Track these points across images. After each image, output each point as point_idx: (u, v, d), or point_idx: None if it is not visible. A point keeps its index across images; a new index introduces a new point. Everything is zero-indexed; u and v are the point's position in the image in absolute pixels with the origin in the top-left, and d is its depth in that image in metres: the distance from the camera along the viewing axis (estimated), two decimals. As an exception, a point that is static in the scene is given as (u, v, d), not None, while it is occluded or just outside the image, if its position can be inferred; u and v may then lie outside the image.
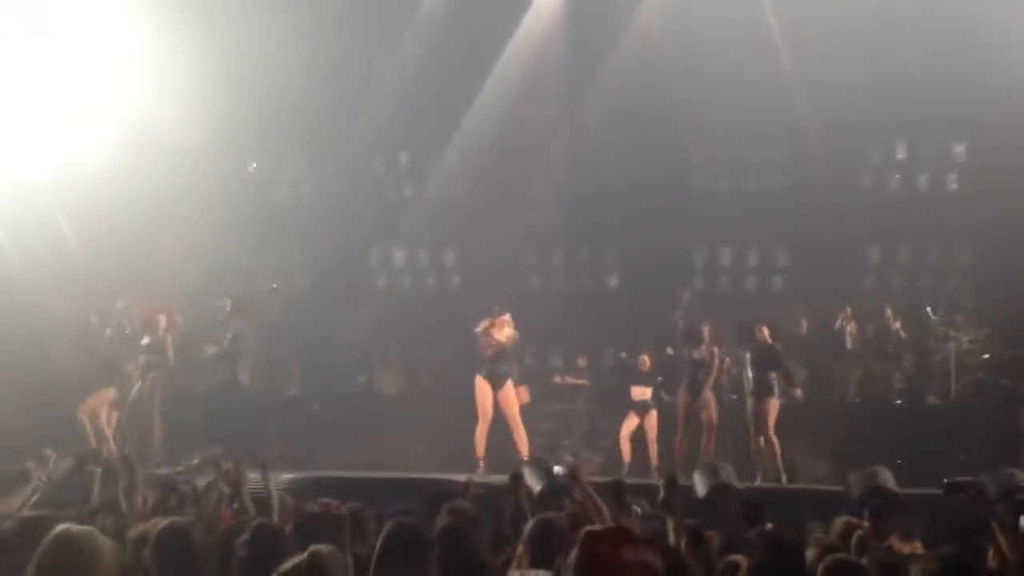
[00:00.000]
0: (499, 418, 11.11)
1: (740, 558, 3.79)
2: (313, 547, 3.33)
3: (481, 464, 10.89)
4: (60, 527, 3.05)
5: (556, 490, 6.31)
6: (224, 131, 14.24)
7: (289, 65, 14.23)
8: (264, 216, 15.54)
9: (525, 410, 11.54)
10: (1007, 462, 7.99)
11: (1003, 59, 12.63)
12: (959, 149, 14.91)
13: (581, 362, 14.08)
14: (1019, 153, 12.82)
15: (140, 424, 11.65)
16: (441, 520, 4.55)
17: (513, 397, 11.13)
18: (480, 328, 11.05)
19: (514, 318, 11.18)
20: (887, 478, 7.76)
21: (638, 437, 11.87)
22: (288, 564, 3.24)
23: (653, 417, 11.84)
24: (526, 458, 10.56)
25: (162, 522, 4.21)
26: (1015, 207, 12.48)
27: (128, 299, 12.43)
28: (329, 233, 15.30)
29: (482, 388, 11.00)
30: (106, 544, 2.96)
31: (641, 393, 11.92)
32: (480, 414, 11.01)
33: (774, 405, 10.91)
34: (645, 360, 12.06)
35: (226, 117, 13.97)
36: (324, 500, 4.52)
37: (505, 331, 11.00)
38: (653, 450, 11.72)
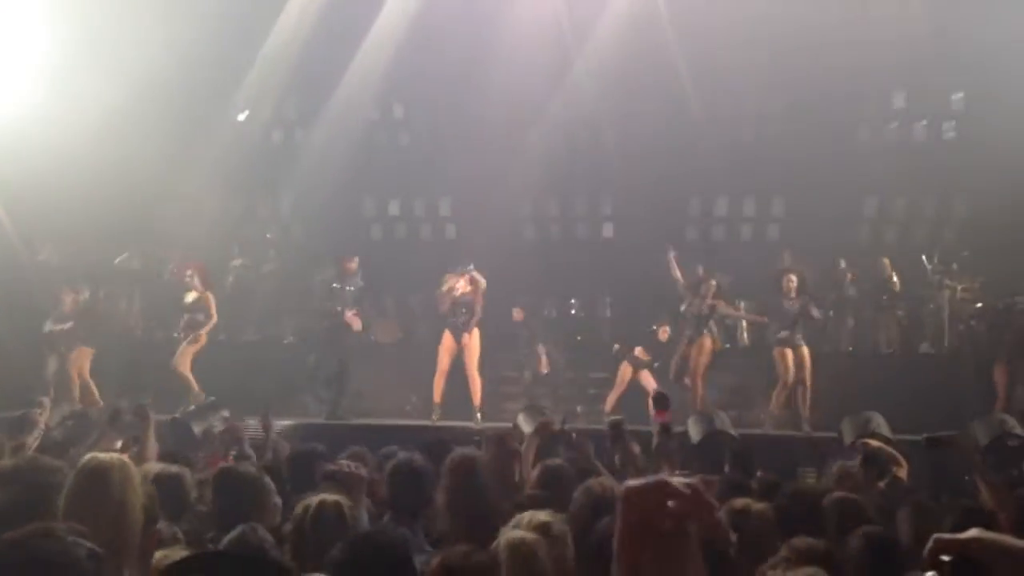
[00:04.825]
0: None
1: (749, 501, 3.80)
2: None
3: (437, 411, 11.21)
4: (88, 455, 3.01)
5: (555, 438, 6.33)
6: (215, 76, 14.05)
7: (283, 11, 14.03)
8: (256, 164, 15.34)
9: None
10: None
11: (1002, 7, 12.49)
12: (957, 97, 14.79)
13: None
14: (1016, 101, 12.73)
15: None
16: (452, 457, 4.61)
17: (473, 348, 11.33)
18: (445, 286, 11.38)
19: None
20: (880, 424, 7.83)
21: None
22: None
23: (648, 374, 11.95)
24: (478, 406, 11.15)
25: (155, 468, 4.22)
26: (1011, 156, 12.41)
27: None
28: (322, 182, 15.16)
29: (444, 339, 11.43)
30: (136, 474, 2.94)
31: (643, 353, 12.05)
32: (438, 364, 11.38)
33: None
34: (666, 331, 12.08)
35: (217, 62, 13.78)
36: (342, 459, 4.54)
37: (457, 285, 11.29)
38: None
